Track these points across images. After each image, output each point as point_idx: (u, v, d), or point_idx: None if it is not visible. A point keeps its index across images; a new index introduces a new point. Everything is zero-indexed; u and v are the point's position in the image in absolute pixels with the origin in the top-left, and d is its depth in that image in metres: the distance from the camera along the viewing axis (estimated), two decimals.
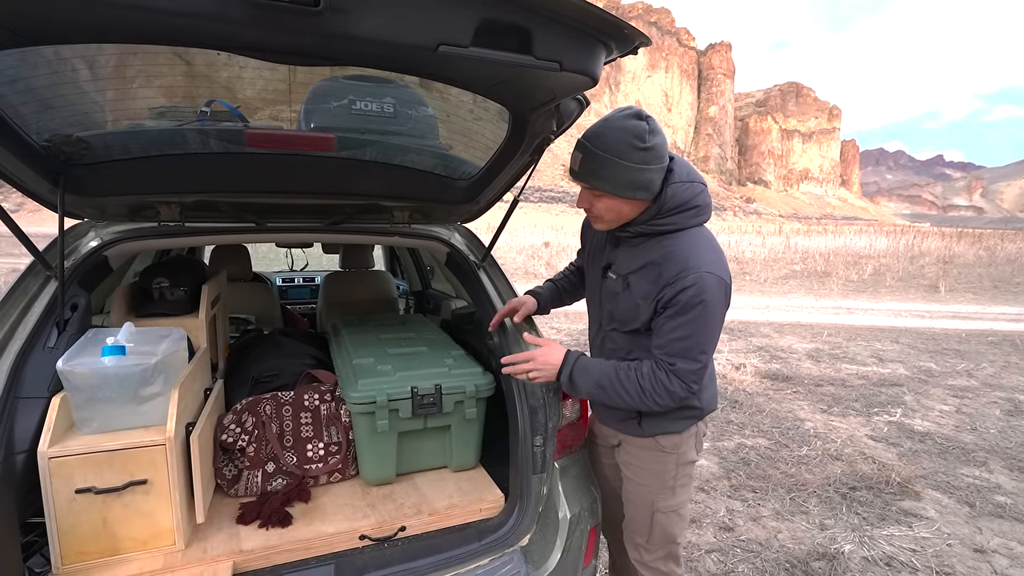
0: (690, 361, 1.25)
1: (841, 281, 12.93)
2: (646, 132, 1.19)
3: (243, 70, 1.52)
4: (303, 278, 4.20)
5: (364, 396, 1.56)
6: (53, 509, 1.23)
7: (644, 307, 1.31)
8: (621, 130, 1.19)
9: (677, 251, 1.27)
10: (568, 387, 1.37)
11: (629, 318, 1.36)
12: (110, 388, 1.27)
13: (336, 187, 1.68)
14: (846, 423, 4.14)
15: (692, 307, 1.22)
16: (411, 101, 1.67)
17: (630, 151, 1.19)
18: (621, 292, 1.36)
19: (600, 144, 1.21)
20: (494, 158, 1.66)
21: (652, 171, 1.22)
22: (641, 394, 1.28)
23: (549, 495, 1.57)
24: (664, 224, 1.29)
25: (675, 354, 1.26)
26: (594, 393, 1.34)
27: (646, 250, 1.33)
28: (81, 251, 1.52)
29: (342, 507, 1.56)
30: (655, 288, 1.28)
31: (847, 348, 6.58)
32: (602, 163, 1.21)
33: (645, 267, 1.31)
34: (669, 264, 1.26)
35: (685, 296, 1.22)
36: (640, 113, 1.21)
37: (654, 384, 1.27)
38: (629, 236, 1.35)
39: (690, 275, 1.23)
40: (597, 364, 1.35)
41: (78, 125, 1.37)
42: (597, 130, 1.23)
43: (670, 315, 1.25)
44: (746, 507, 2.93)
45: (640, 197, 1.26)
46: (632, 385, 1.29)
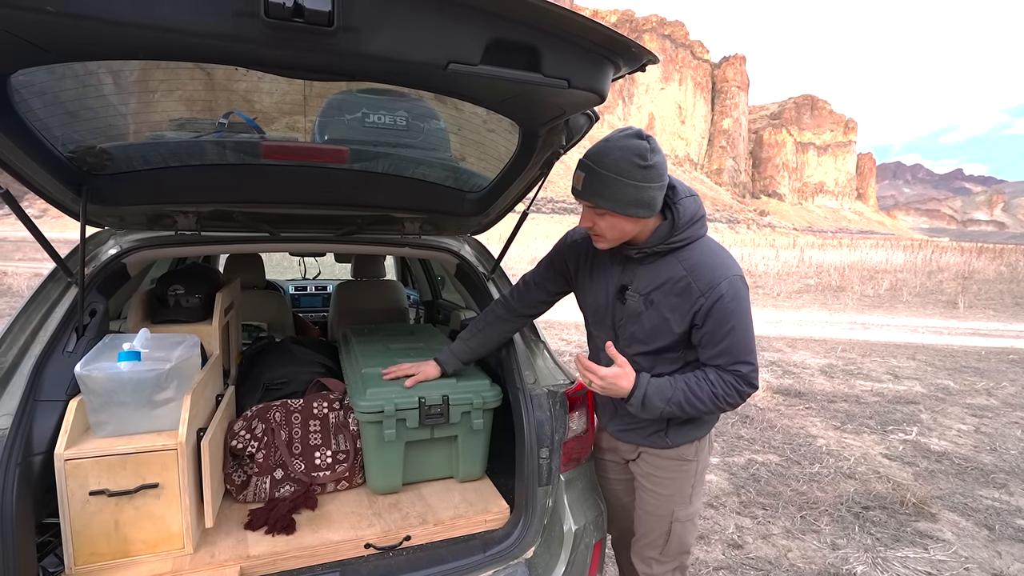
0: (747, 364, 1.32)
1: (856, 296, 12.76)
2: (647, 151, 1.21)
3: (260, 83, 1.56)
4: (315, 287, 4.25)
5: (372, 405, 1.57)
6: (68, 510, 1.26)
7: (674, 320, 1.34)
8: (623, 149, 1.21)
9: (702, 262, 1.32)
10: (639, 408, 1.37)
11: (656, 335, 1.38)
12: (125, 393, 1.31)
13: (349, 199, 1.71)
14: (860, 441, 4.07)
15: (732, 312, 1.28)
16: (423, 115, 1.70)
17: (632, 169, 1.21)
18: (644, 311, 1.37)
19: (603, 163, 1.23)
20: (504, 172, 1.68)
21: (653, 189, 1.24)
22: (715, 400, 1.32)
23: (554, 508, 1.57)
24: (680, 239, 1.32)
25: (733, 359, 1.31)
26: (667, 410, 1.35)
27: (664, 266, 1.35)
28: (101, 258, 1.56)
29: (348, 515, 1.57)
30: (687, 301, 1.31)
31: (862, 364, 6.48)
32: (605, 182, 1.24)
33: (669, 282, 1.34)
34: (698, 275, 1.31)
35: (724, 303, 1.28)
36: (640, 133, 1.24)
37: (726, 389, 1.32)
38: (644, 256, 1.36)
39: (722, 282, 1.28)
40: (665, 381, 1.37)
41: (101, 137, 1.42)
42: (599, 149, 1.25)
43: (714, 324, 1.30)
44: (756, 524, 2.89)
45: (642, 215, 1.27)
46: (706, 394, 1.32)
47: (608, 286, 1.45)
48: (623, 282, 1.41)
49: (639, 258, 1.37)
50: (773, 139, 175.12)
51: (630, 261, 1.40)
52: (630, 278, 1.40)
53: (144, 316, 1.75)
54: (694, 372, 1.37)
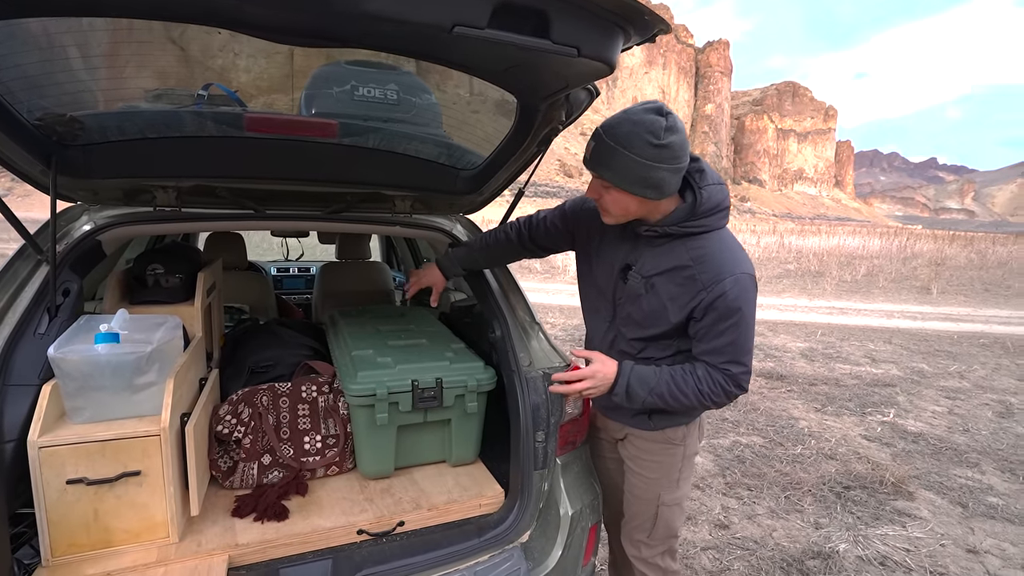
0: (739, 364, 1.27)
1: (835, 281, 13.00)
2: (662, 128, 1.15)
3: (242, 50, 1.48)
4: (298, 268, 4.15)
5: (364, 388, 1.53)
6: (43, 500, 1.19)
7: (672, 310, 1.29)
8: (637, 123, 1.16)
9: (710, 254, 1.26)
10: (624, 398, 1.34)
11: (652, 321, 1.34)
12: (103, 376, 1.24)
13: (337, 175, 1.64)
14: (840, 423, 4.16)
15: (734, 311, 1.23)
16: (415, 88, 1.64)
17: (642, 146, 1.15)
18: (644, 294, 1.33)
19: (613, 135, 1.18)
20: (499, 148, 1.63)
21: (664, 170, 1.18)
22: (700, 396, 1.29)
23: (550, 491, 1.55)
24: (696, 226, 1.27)
25: (726, 358, 1.27)
26: (649, 401, 1.32)
27: (671, 252, 1.30)
28: (74, 235, 1.47)
29: (339, 501, 1.53)
30: (688, 292, 1.27)
31: (841, 348, 6.61)
32: (612, 154, 1.18)
33: (673, 270, 1.29)
34: (704, 268, 1.25)
35: (726, 300, 1.23)
36: (661, 109, 1.18)
37: (712, 387, 1.28)
38: (653, 236, 1.31)
39: (727, 279, 1.23)
40: (651, 372, 1.33)
41: (72, 104, 1.32)
42: (614, 120, 1.20)
43: (713, 320, 1.25)
44: (741, 505, 2.93)
45: (648, 196, 1.22)
46: (691, 389, 1.29)
47: (614, 261, 1.41)
48: (628, 261, 1.37)
49: (648, 237, 1.32)
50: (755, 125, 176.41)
51: (639, 240, 1.35)
52: (636, 258, 1.36)
53: (121, 297, 1.67)
54: (682, 364, 1.33)
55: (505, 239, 1.66)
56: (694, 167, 1.28)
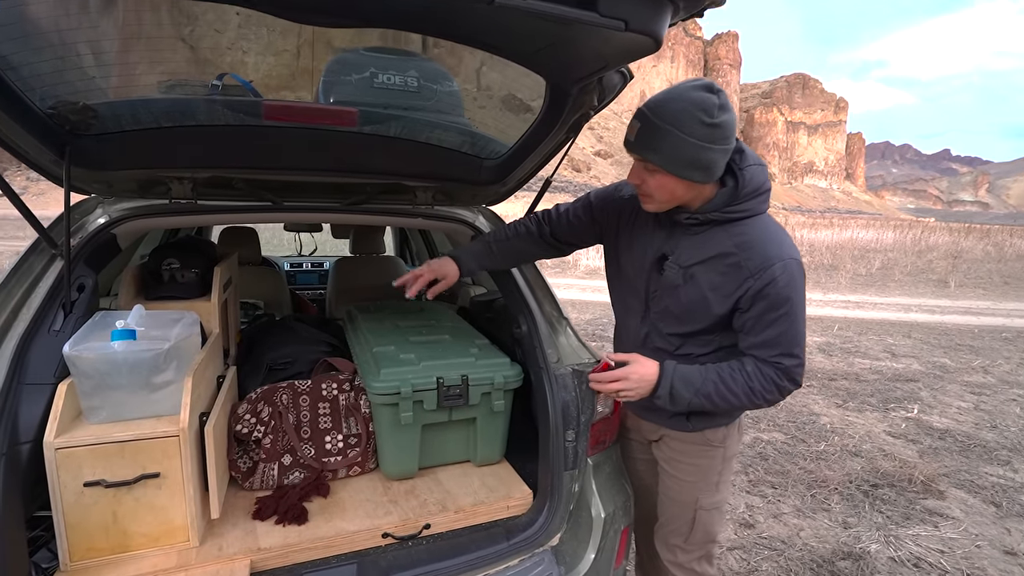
0: (792, 357, 1.19)
1: (849, 275, 12.81)
2: (715, 107, 1.08)
3: (259, 36, 1.42)
4: (311, 263, 4.11)
5: (387, 386, 1.47)
6: (60, 503, 1.15)
7: (715, 300, 1.22)
8: (688, 101, 1.08)
9: (755, 240, 1.18)
10: (667, 401, 1.25)
11: (692, 314, 1.26)
12: (120, 375, 1.19)
13: (357, 165, 1.58)
14: (863, 419, 4.07)
15: (785, 299, 1.15)
16: (436, 75, 1.57)
17: (694, 125, 1.08)
18: (682, 284, 1.26)
19: (662, 114, 1.10)
20: (527, 136, 1.56)
21: (715, 151, 1.11)
22: (750, 395, 1.21)
23: (581, 493, 1.49)
24: (738, 211, 1.19)
25: (778, 351, 1.19)
26: (695, 402, 1.23)
27: (712, 239, 1.22)
28: (88, 228, 1.42)
29: (362, 503, 1.48)
30: (732, 281, 1.19)
31: (859, 342, 6.49)
32: (662, 135, 1.10)
33: (715, 258, 1.21)
34: (749, 254, 1.18)
35: (776, 288, 1.15)
36: (712, 85, 1.10)
37: (764, 384, 1.20)
38: (693, 223, 1.23)
39: (776, 264, 1.15)
40: (696, 371, 1.25)
41: (85, 92, 1.27)
42: (661, 98, 1.12)
43: (762, 310, 1.17)
44: (766, 503, 2.86)
45: (697, 179, 1.15)
46: (740, 387, 1.21)
47: (647, 252, 1.32)
48: (664, 251, 1.29)
49: (688, 225, 1.24)
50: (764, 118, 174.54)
51: (677, 228, 1.27)
52: (673, 247, 1.28)
53: (137, 292, 1.62)
54: (729, 362, 1.25)
55: (526, 233, 1.56)
56: (734, 148, 1.20)
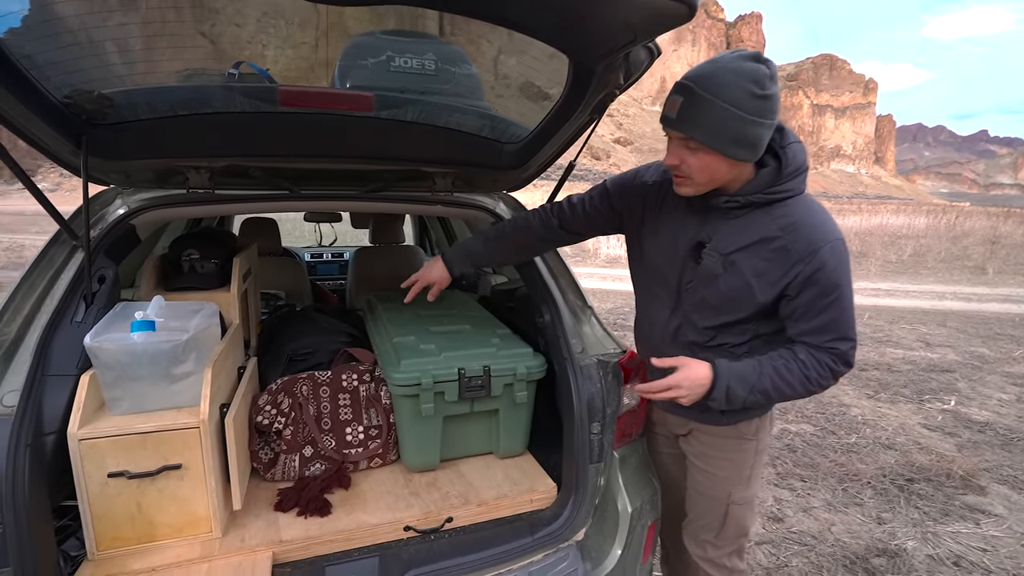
0: (846, 340, 1.15)
1: (879, 262, 12.43)
2: (766, 77, 1.01)
3: (278, 28, 1.40)
4: (332, 254, 4.11)
5: (408, 377, 1.44)
6: (86, 493, 1.15)
7: (760, 288, 1.16)
8: (737, 72, 1.01)
9: (801, 221, 1.12)
10: (723, 402, 1.18)
11: (734, 303, 1.20)
12: (140, 366, 1.18)
13: (375, 151, 1.54)
14: (896, 410, 3.93)
15: (835, 283, 1.11)
16: (454, 58, 1.53)
17: (745, 99, 1.01)
18: (723, 273, 1.19)
19: (709, 86, 1.02)
20: (549, 118, 1.50)
21: (764, 126, 1.05)
22: (806, 383, 1.16)
23: (607, 487, 1.45)
24: (781, 191, 1.13)
25: (832, 336, 1.14)
26: (751, 400, 1.18)
27: (753, 223, 1.16)
28: (108, 220, 1.41)
29: (384, 495, 1.46)
30: (779, 267, 1.13)
31: (890, 331, 6.28)
32: (708, 109, 1.03)
33: (758, 243, 1.15)
34: (796, 237, 1.12)
35: (826, 272, 1.10)
36: (759, 55, 1.03)
37: (820, 371, 1.15)
38: (733, 206, 1.16)
39: (824, 247, 1.10)
40: (750, 368, 1.19)
41: (101, 81, 1.25)
42: (706, 70, 1.04)
43: (813, 296, 1.12)
44: (795, 497, 2.78)
45: (742, 157, 1.08)
46: (797, 377, 1.16)
47: (679, 241, 1.25)
48: (700, 238, 1.22)
49: (727, 208, 1.17)
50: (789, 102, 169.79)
51: (712, 213, 1.20)
52: (709, 233, 1.20)
53: (158, 283, 1.62)
54: (780, 352, 1.19)
55: (526, 227, 1.48)
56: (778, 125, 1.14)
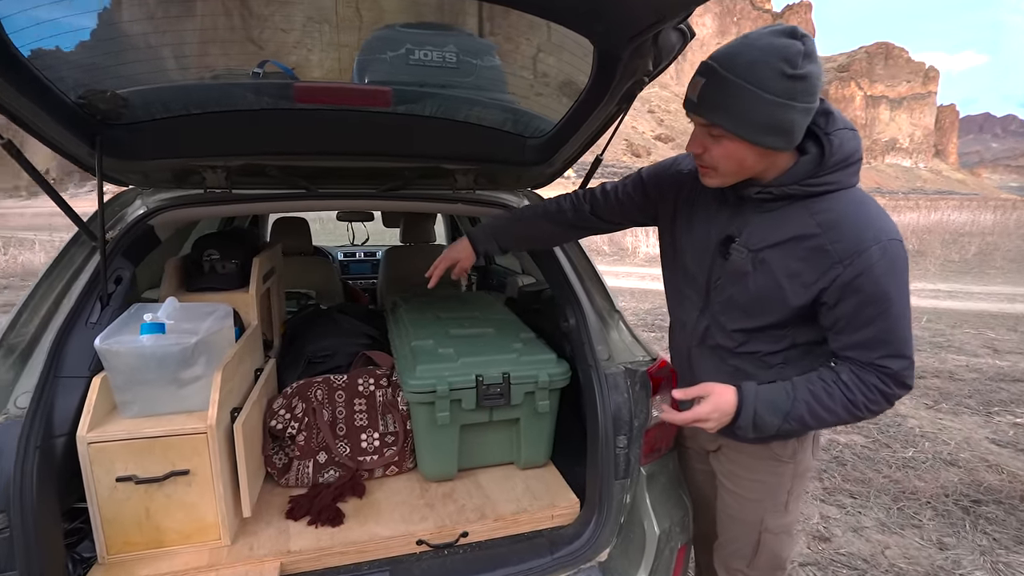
0: (900, 358, 0.99)
1: (939, 261, 11.68)
2: (799, 55, 0.88)
3: (322, 32, 1.38)
4: (364, 253, 4.13)
5: (423, 384, 1.38)
6: (96, 497, 1.14)
7: (792, 290, 1.02)
8: (765, 50, 0.89)
9: (845, 218, 0.98)
10: (750, 430, 1.06)
11: (763, 305, 1.07)
12: (148, 369, 1.16)
13: (393, 147, 1.49)
14: (959, 423, 3.63)
15: (885, 290, 0.95)
16: (477, 49, 1.46)
17: (773, 78, 0.89)
18: (751, 271, 1.06)
19: (733, 66, 0.91)
20: (574, 109, 1.40)
21: (797, 110, 0.91)
22: (851, 409, 1.02)
23: (634, 505, 1.34)
24: (823, 183, 0.99)
25: (882, 352, 0.99)
26: (785, 428, 1.05)
27: (789, 217, 1.02)
28: (127, 220, 1.41)
29: (398, 505, 1.40)
30: (815, 268, 0.99)
31: (952, 336, 5.85)
32: (732, 91, 0.91)
33: (792, 240, 1.01)
34: (837, 235, 0.97)
35: (872, 278, 0.95)
36: (795, 30, 0.90)
37: (867, 394, 1.00)
38: (766, 198, 1.03)
39: (871, 248, 0.95)
40: (780, 390, 1.06)
41: (115, 81, 1.24)
42: (732, 48, 0.93)
43: (856, 305, 0.98)
44: (844, 515, 2.58)
45: (772, 145, 0.95)
46: (839, 402, 1.02)
47: (710, 234, 1.13)
48: (729, 232, 1.09)
49: (760, 200, 1.04)
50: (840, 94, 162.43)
51: (745, 204, 1.07)
52: (740, 228, 1.08)
53: (179, 284, 1.61)
54: (820, 372, 1.05)
55: (557, 211, 1.39)
56: (819, 109, 0.99)
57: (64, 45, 1.16)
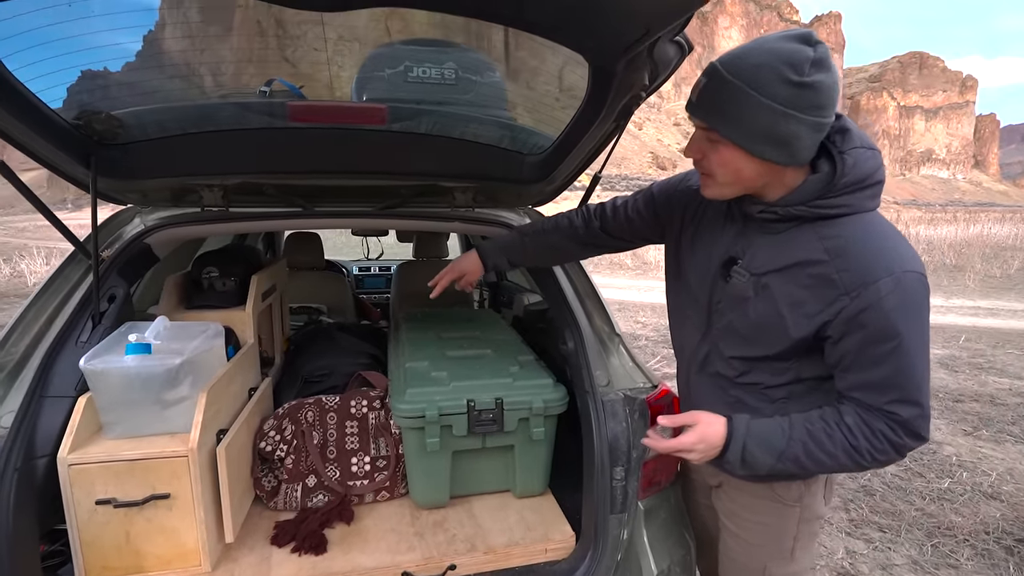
0: (911, 405, 0.89)
1: (979, 277, 11.18)
2: (806, 62, 0.81)
3: (352, 50, 1.41)
4: (379, 267, 4.14)
5: (412, 408, 1.34)
6: (75, 520, 1.13)
7: (793, 320, 0.94)
8: (772, 52, 0.83)
9: (855, 245, 0.90)
10: (738, 467, 0.99)
11: (763, 334, 0.99)
12: (132, 389, 1.15)
13: (390, 165, 1.47)
14: (1002, 452, 3.41)
15: (896, 326, 0.86)
16: (476, 66, 1.44)
17: (775, 84, 0.82)
18: (752, 297, 0.99)
19: (736, 68, 0.85)
20: (571, 126, 1.36)
21: (800, 122, 0.84)
22: (855, 456, 0.92)
23: (631, 542, 1.27)
24: (833, 206, 0.91)
25: (891, 396, 0.90)
26: (778, 468, 0.97)
27: (795, 241, 0.95)
28: (124, 238, 1.42)
29: (386, 533, 1.35)
30: (820, 298, 0.92)
31: (993, 357, 5.55)
32: (731, 94, 0.86)
33: (797, 266, 0.94)
34: (846, 263, 0.89)
35: (881, 313, 0.86)
36: (809, 36, 0.84)
37: (872, 441, 0.91)
38: (771, 218, 0.96)
39: (883, 280, 0.86)
40: (775, 427, 0.98)
41: (110, 102, 1.26)
42: (740, 50, 0.87)
43: (862, 341, 0.89)
44: (872, 550, 2.43)
45: (770, 157, 0.89)
46: (840, 447, 0.93)
47: (712, 254, 1.06)
48: (733, 252, 1.03)
49: (764, 220, 0.97)
50: (872, 104, 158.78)
51: (750, 224, 1.00)
52: (743, 248, 1.01)
53: (179, 301, 1.62)
54: (824, 411, 0.97)
55: (568, 227, 1.34)
56: (835, 126, 0.92)
57: (59, 67, 1.18)
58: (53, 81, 1.15)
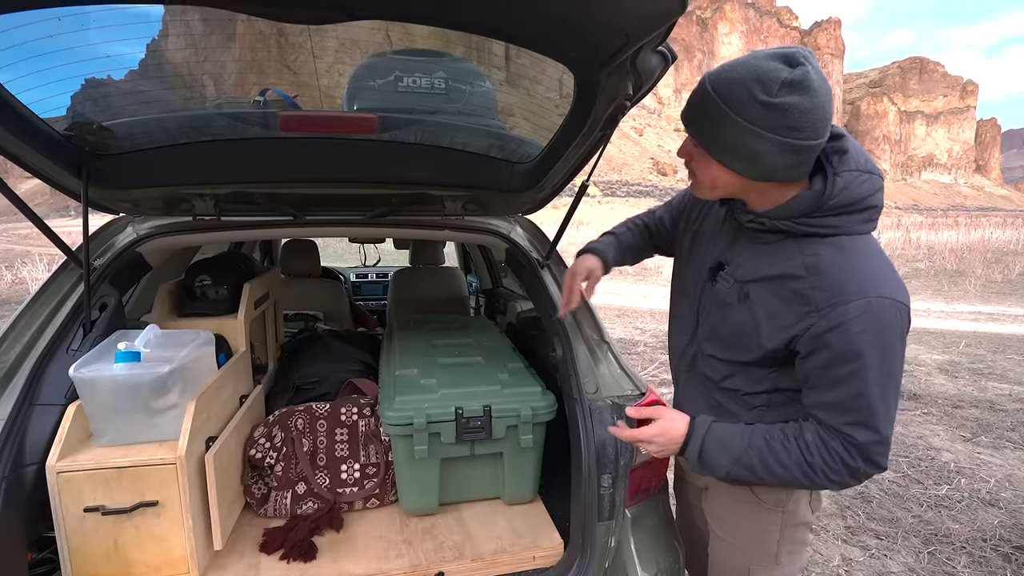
0: (867, 429, 0.89)
1: (980, 282, 11.17)
2: (776, 82, 0.82)
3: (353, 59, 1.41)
4: (377, 274, 4.15)
5: (400, 416, 1.34)
6: (64, 528, 1.13)
7: (766, 331, 0.96)
8: (749, 69, 0.85)
9: (831, 265, 0.91)
10: (695, 465, 1.02)
11: (738, 340, 1.02)
12: (121, 397, 1.16)
13: (379, 174, 1.49)
14: (1001, 458, 3.39)
15: (859, 349, 0.87)
16: (466, 75, 1.46)
17: (744, 102, 0.84)
18: (734, 303, 1.02)
19: (717, 83, 0.88)
20: (558, 135, 1.38)
21: (769, 141, 0.85)
22: (808, 472, 0.93)
23: (618, 549, 1.27)
24: (820, 226, 0.92)
25: (849, 419, 0.90)
26: (735, 472, 0.99)
27: (780, 254, 0.97)
28: (116, 248, 1.43)
29: (375, 540, 1.36)
30: (792, 312, 0.93)
31: (993, 362, 5.54)
32: (709, 108, 0.89)
33: (777, 278, 0.96)
34: (820, 282, 0.90)
35: (846, 335, 0.87)
36: (793, 56, 0.84)
37: (827, 460, 0.92)
38: (758, 229, 0.99)
39: (852, 303, 0.87)
40: (735, 432, 1.00)
41: (101, 113, 1.27)
42: (727, 65, 0.90)
43: (825, 361, 0.90)
44: (868, 557, 2.42)
45: (742, 172, 0.91)
46: (794, 461, 0.94)
47: (705, 258, 1.10)
48: (722, 258, 1.06)
49: (752, 229, 1.00)
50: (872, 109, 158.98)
51: (742, 232, 1.04)
52: (732, 255, 1.04)
53: (172, 309, 1.63)
54: (785, 424, 0.98)
55: (642, 227, 1.42)
56: (834, 146, 0.93)
57: (51, 79, 1.19)
58: (44, 93, 1.16)
